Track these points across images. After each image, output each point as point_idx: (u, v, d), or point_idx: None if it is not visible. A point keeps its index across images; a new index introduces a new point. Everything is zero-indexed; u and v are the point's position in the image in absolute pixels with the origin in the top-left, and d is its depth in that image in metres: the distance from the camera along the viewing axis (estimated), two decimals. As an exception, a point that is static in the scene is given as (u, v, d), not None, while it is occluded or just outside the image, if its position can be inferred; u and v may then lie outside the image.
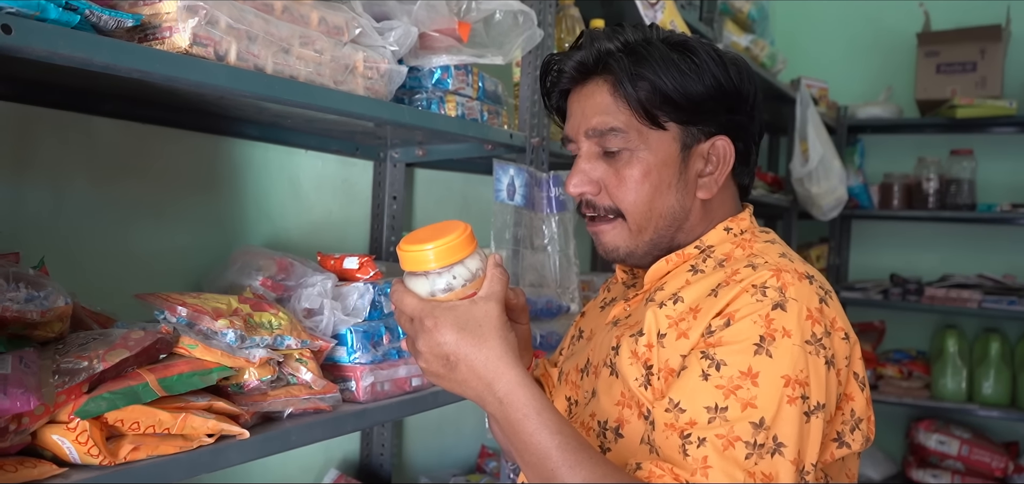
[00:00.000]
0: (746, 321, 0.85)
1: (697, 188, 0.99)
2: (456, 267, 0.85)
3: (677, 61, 0.95)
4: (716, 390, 0.83)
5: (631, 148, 0.97)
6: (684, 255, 1.01)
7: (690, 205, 1.00)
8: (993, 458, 3.43)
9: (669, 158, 0.97)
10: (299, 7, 1.12)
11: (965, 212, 3.54)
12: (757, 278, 0.89)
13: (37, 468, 0.84)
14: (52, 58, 0.83)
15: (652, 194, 0.97)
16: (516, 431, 0.83)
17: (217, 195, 1.52)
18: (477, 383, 0.84)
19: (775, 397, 0.82)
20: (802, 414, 0.82)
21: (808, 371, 0.84)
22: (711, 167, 0.99)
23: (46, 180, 1.24)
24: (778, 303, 0.86)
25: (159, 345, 0.97)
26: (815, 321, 0.87)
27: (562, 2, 1.76)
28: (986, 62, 3.44)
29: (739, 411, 0.81)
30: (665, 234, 1.00)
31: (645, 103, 0.95)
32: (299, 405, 1.12)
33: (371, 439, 1.81)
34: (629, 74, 0.95)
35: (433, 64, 1.40)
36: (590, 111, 0.98)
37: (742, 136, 1.01)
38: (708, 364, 0.84)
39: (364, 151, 1.74)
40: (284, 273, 1.30)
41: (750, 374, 0.83)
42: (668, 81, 0.94)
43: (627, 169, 0.97)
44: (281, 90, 1.07)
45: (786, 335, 0.84)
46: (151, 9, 0.96)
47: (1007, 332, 3.58)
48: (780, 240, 1.02)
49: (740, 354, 0.84)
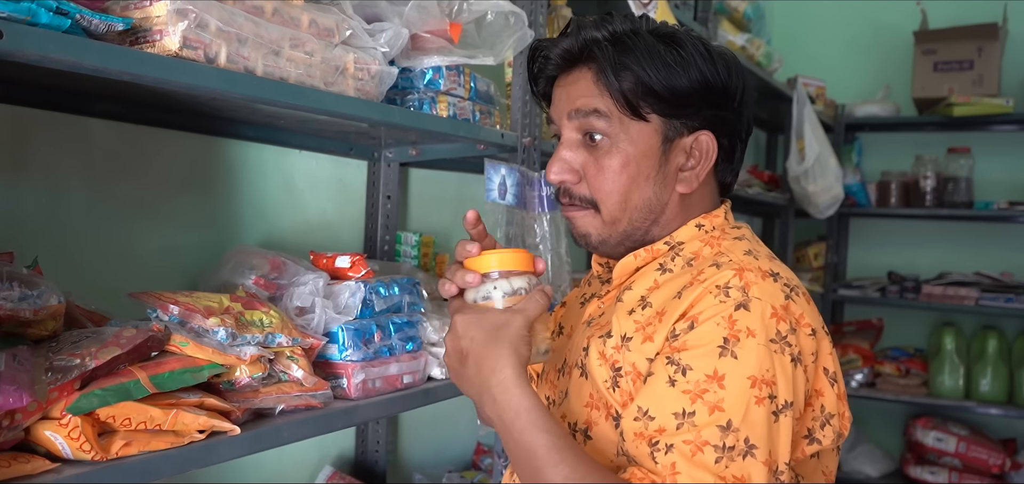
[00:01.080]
0: (709, 323, 0.85)
1: (676, 182, 0.99)
2: (499, 281, 0.92)
3: (663, 53, 0.94)
4: (683, 395, 0.83)
5: (612, 137, 0.97)
6: (653, 251, 1.00)
7: (667, 199, 0.99)
8: (990, 455, 3.44)
9: (649, 150, 0.97)
10: (289, 9, 1.14)
11: (962, 210, 3.54)
12: (720, 278, 0.89)
13: (30, 463, 0.85)
14: (43, 61, 0.84)
15: (629, 185, 0.97)
16: (508, 429, 0.85)
17: (212, 195, 1.54)
18: (477, 380, 0.87)
19: (742, 399, 0.81)
20: (771, 414, 0.82)
21: (774, 370, 0.83)
22: (693, 162, 0.99)
23: (41, 181, 1.26)
24: (741, 303, 0.86)
25: (151, 343, 0.98)
26: (780, 319, 0.86)
27: (554, 2, 1.77)
28: (983, 60, 3.45)
29: (707, 415, 0.81)
30: (640, 227, 1.00)
31: (627, 94, 0.95)
32: (290, 402, 1.14)
33: (366, 436, 1.82)
34: (612, 63, 0.95)
35: (424, 65, 1.42)
36: (574, 95, 0.99)
37: (727, 132, 1.00)
38: (674, 370, 0.84)
39: (358, 151, 1.75)
40: (277, 272, 1.31)
41: (716, 377, 0.83)
42: (652, 73, 0.94)
43: (606, 158, 0.97)
44: (271, 92, 1.09)
45: (750, 335, 0.84)
46: (141, 13, 0.97)
47: (1004, 329, 3.59)
48: (751, 236, 1.02)
49: (705, 357, 0.84)
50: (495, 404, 0.85)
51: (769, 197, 3.18)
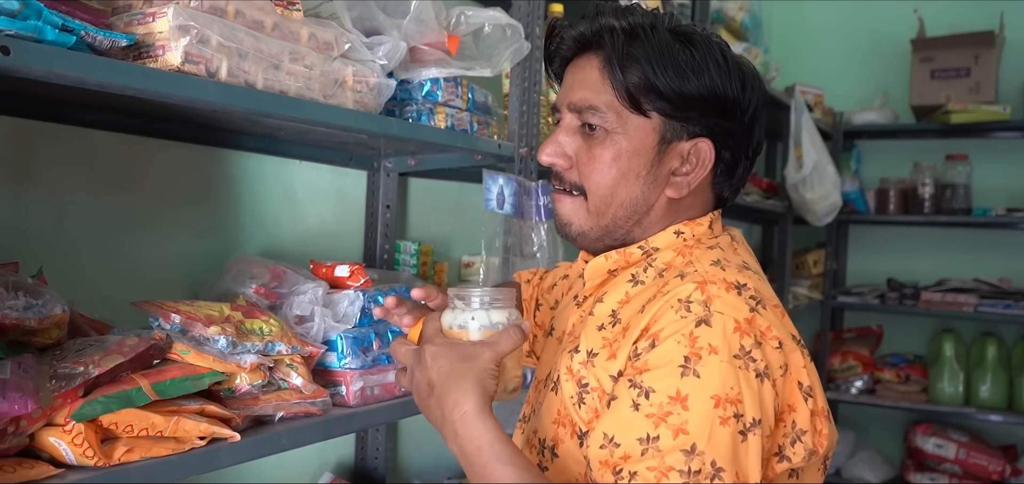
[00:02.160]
0: (669, 342, 0.83)
1: (667, 185, 0.97)
2: (478, 312, 0.92)
3: (676, 53, 0.92)
4: (647, 419, 0.80)
5: (608, 128, 0.95)
6: (627, 255, 0.99)
7: (654, 200, 0.97)
8: (990, 461, 3.45)
9: (644, 147, 0.95)
10: (289, 24, 1.16)
11: (961, 217, 3.56)
12: (681, 292, 0.86)
13: (34, 469, 0.87)
14: (49, 77, 0.86)
15: (618, 180, 0.96)
16: (470, 463, 0.85)
17: (213, 205, 1.56)
18: (439, 411, 0.87)
19: (706, 420, 0.78)
20: (737, 434, 0.79)
21: (739, 387, 0.80)
22: (687, 168, 0.96)
23: (45, 192, 1.28)
24: (702, 319, 0.83)
25: (152, 351, 1.00)
26: (743, 333, 0.83)
27: (551, 12, 1.80)
28: (980, 68, 3.47)
29: (671, 440, 0.78)
30: (622, 224, 0.98)
31: (631, 88, 0.93)
32: (290, 409, 1.15)
33: (365, 443, 1.84)
34: (620, 55, 0.93)
35: (422, 77, 1.44)
36: (577, 84, 0.98)
37: (731, 145, 0.97)
38: (637, 393, 0.82)
39: (358, 161, 1.78)
40: (277, 281, 1.34)
41: (679, 398, 0.80)
42: (659, 71, 0.92)
43: (599, 148, 0.96)
44: (271, 105, 1.11)
45: (712, 352, 0.81)
46: (145, 28, 1.00)
47: (1004, 335, 3.60)
48: (728, 245, 0.98)
49: (667, 378, 0.81)
50: (457, 438, 0.85)
51: (767, 205, 3.20)
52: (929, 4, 3.69)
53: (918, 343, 3.83)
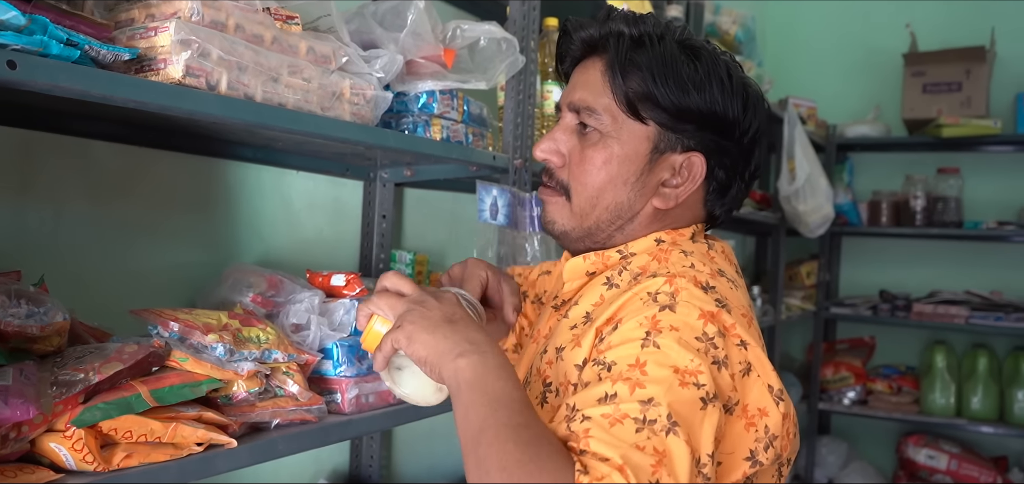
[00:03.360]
0: (631, 322, 0.83)
1: (655, 195, 0.97)
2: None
3: (679, 65, 0.93)
4: (605, 381, 0.78)
5: (603, 131, 0.96)
6: (605, 258, 0.99)
7: (640, 209, 0.98)
8: (982, 472, 3.48)
9: (636, 154, 0.96)
10: (288, 38, 1.18)
11: (952, 229, 3.60)
12: (651, 286, 0.87)
13: (35, 474, 0.89)
14: (53, 90, 0.88)
15: (605, 183, 0.97)
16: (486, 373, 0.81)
17: (211, 215, 1.58)
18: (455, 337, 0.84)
19: (665, 380, 0.77)
20: (698, 400, 0.77)
21: (699, 363, 0.79)
22: (678, 180, 0.97)
23: (47, 201, 1.30)
24: (667, 305, 0.84)
25: (151, 358, 1.02)
26: (707, 320, 0.83)
27: (546, 26, 1.82)
28: (971, 82, 3.51)
29: (628, 393, 0.76)
30: (605, 228, 0.99)
31: (629, 93, 0.94)
32: (286, 416, 1.17)
33: (360, 451, 1.86)
34: (623, 60, 0.95)
35: (419, 89, 1.46)
36: (580, 84, 0.99)
37: (725, 164, 0.98)
38: (599, 369, 0.81)
39: (354, 171, 1.80)
40: (274, 290, 1.35)
41: (638, 364, 0.78)
42: (659, 81, 0.93)
43: (592, 150, 0.97)
44: (270, 117, 1.13)
45: (673, 329, 0.81)
46: (147, 43, 1.02)
47: (995, 347, 3.63)
48: (701, 254, 0.97)
49: (627, 349, 0.80)
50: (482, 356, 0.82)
51: (761, 216, 3.23)
52: (921, 19, 3.74)
53: (910, 354, 3.86)
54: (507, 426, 0.74)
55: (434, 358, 0.84)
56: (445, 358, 0.83)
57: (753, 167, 1.01)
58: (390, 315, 0.92)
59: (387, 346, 0.89)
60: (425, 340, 0.85)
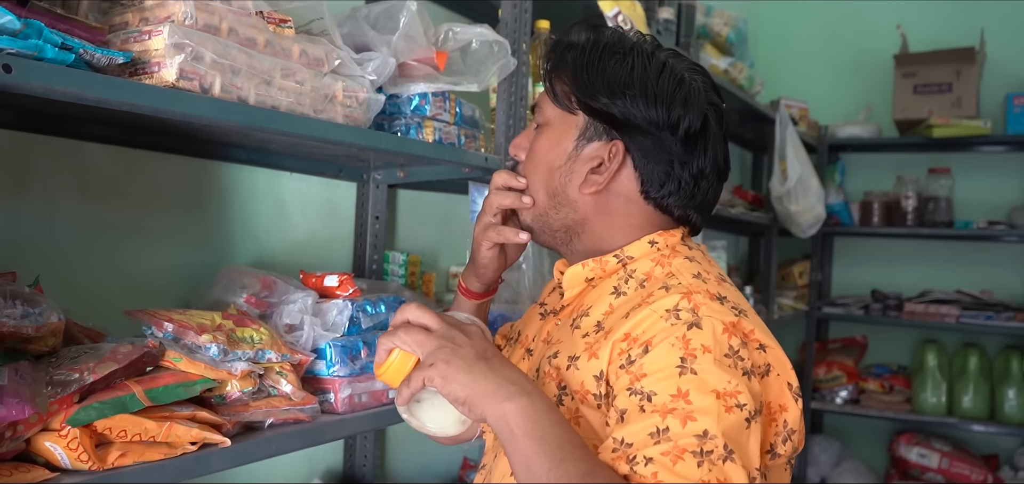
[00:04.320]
0: (663, 345, 0.86)
1: (584, 182, 1.03)
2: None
3: (602, 65, 1.01)
4: (653, 415, 0.82)
5: (544, 123, 1.07)
6: (603, 264, 1.03)
7: (576, 196, 1.04)
8: (973, 470, 3.50)
9: (564, 138, 1.04)
10: (281, 41, 1.20)
11: (943, 229, 3.62)
12: (668, 302, 0.90)
13: (31, 473, 0.90)
14: (49, 93, 0.90)
15: (543, 166, 1.06)
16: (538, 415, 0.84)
17: (205, 216, 1.59)
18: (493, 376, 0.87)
19: (712, 409, 0.82)
20: (743, 421, 0.83)
21: (735, 382, 0.84)
22: (604, 167, 1.02)
23: (41, 203, 1.31)
24: (692, 322, 0.87)
25: (146, 358, 1.03)
26: (731, 334, 0.88)
27: (538, 28, 1.84)
28: (961, 83, 3.54)
29: (680, 427, 0.81)
30: (554, 216, 1.06)
31: (556, 90, 1.05)
32: (279, 415, 1.18)
33: (354, 450, 1.87)
34: (556, 64, 1.06)
35: (411, 91, 1.47)
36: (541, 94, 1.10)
37: (656, 156, 1.01)
38: (639, 399, 0.84)
39: (347, 173, 1.81)
40: (267, 290, 1.37)
41: (680, 395, 0.83)
42: (579, 78, 1.02)
43: (536, 141, 1.08)
44: (263, 120, 1.14)
45: (706, 351, 0.85)
46: (141, 46, 1.03)
47: (985, 346, 3.65)
48: (703, 258, 1.03)
49: (666, 380, 0.84)
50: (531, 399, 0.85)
51: (753, 217, 3.25)
52: (912, 21, 3.76)
53: (902, 353, 3.89)
54: (576, 477, 0.80)
55: (474, 399, 0.86)
56: (488, 401, 0.85)
57: (699, 165, 1.02)
58: (417, 350, 0.91)
59: (416, 383, 0.89)
60: (463, 381, 0.87)
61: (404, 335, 0.92)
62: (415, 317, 0.94)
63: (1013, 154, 3.69)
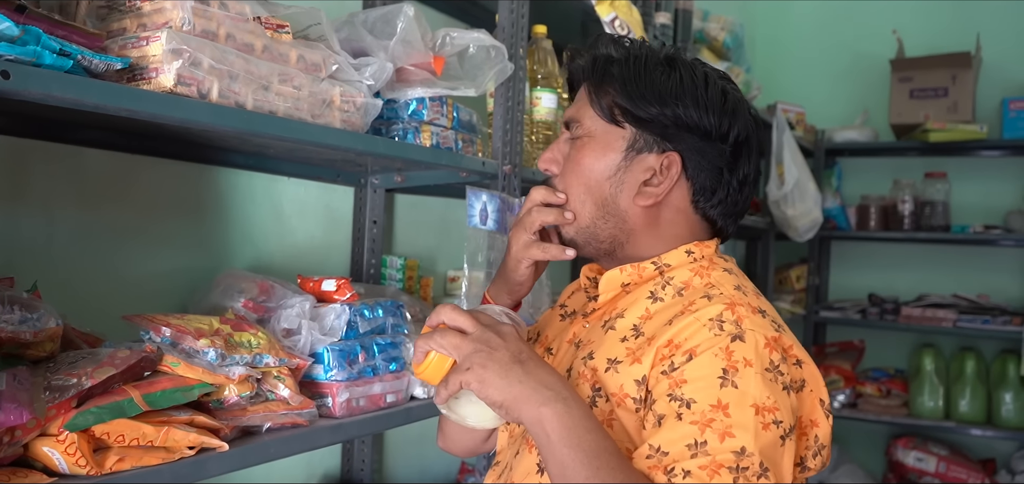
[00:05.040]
0: (706, 355, 0.88)
1: (638, 194, 1.03)
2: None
3: (651, 76, 1.01)
4: (692, 426, 0.84)
5: (585, 134, 1.05)
6: (641, 271, 1.04)
7: (628, 207, 1.03)
8: (970, 474, 3.50)
9: (611, 149, 1.03)
10: (279, 46, 1.20)
11: (940, 233, 3.63)
12: (712, 311, 0.92)
13: (28, 478, 0.90)
14: (46, 99, 0.90)
15: (588, 177, 1.04)
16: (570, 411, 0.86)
17: (203, 221, 1.59)
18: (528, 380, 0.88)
19: (750, 425, 0.83)
20: (779, 438, 0.85)
21: (774, 397, 0.86)
22: (659, 179, 1.02)
23: (39, 209, 1.31)
24: (736, 335, 0.89)
25: (144, 363, 1.03)
26: (772, 349, 0.90)
27: (535, 33, 1.84)
28: (957, 88, 3.55)
29: (718, 442, 0.83)
30: (603, 227, 1.05)
31: (605, 103, 1.03)
32: (277, 420, 1.18)
33: (352, 455, 1.87)
34: (600, 75, 1.04)
35: (408, 96, 1.48)
36: (573, 104, 1.09)
37: (706, 166, 1.02)
38: (678, 405, 0.86)
39: (345, 178, 1.81)
40: (265, 295, 1.37)
41: (720, 406, 0.84)
42: (631, 90, 1.01)
43: (576, 151, 1.06)
44: (260, 125, 1.14)
45: (748, 365, 0.87)
46: (139, 52, 1.03)
47: (982, 350, 3.66)
48: (738, 271, 1.05)
49: (707, 389, 0.86)
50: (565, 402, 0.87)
51: (750, 221, 3.26)
52: (908, 25, 3.78)
53: (899, 358, 3.89)
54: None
55: (511, 403, 0.88)
56: (524, 405, 0.87)
57: (743, 172, 1.05)
58: (453, 353, 0.92)
59: (454, 386, 0.91)
60: (499, 385, 0.88)
61: (440, 339, 0.93)
62: (450, 319, 0.94)
63: (1009, 158, 3.70)
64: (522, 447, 1.02)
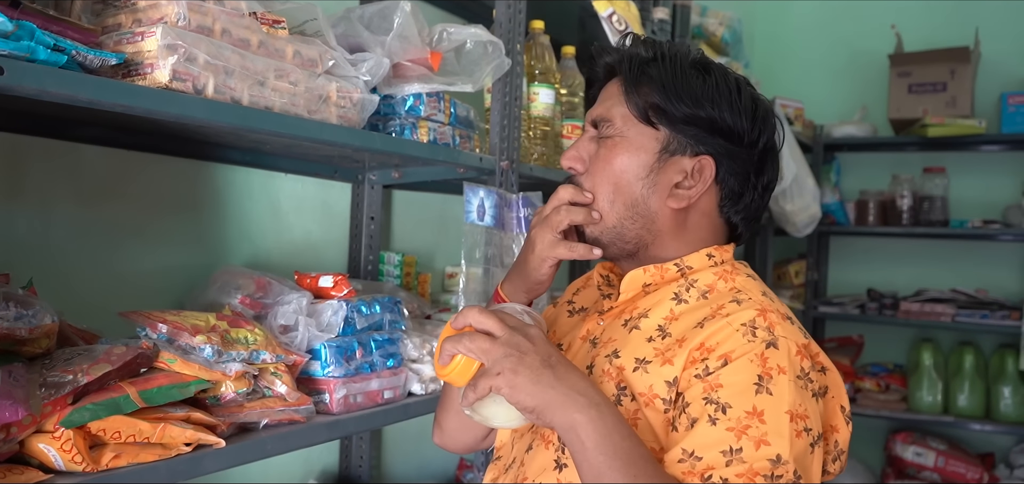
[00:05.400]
0: (743, 360, 0.89)
1: (670, 196, 1.03)
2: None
3: (688, 78, 1.01)
4: (727, 432, 0.86)
5: (616, 133, 1.04)
6: (663, 272, 1.04)
7: (657, 208, 1.03)
8: (968, 469, 3.50)
9: (644, 150, 1.03)
10: (274, 42, 1.20)
11: (938, 228, 3.62)
12: (744, 316, 0.93)
13: (24, 475, 0.90)
14: (41, 95, 0.90)
15: (618, 177, 1.03)
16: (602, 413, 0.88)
17: (199, 217, 1.59)
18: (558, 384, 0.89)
19: (785, 433, 0.85)
20: (809, 446, 0.88)
21: (805, 405, 0.89)
22: (690, 182, 1.03)
23: (35, 205, 1.31)
24: (770, 342, 0.91)
25: (140, 360, 1.03)
26: (803, 357, 0.92)
27: (532, 29, 1.84)
28: (956, 82, 3.54)
29: (754, 450, 0.84)
30: (631, 228, 1.04)
31: (640, 103, 1.03)
32: (274, 416, 1.18)
33: (350, 451, 1.87)
34: (636, 74, 1.04)
35: (405, 92, 1.48)
36: (601, 101, 1.08)
37: (735, 171, 1.04)
38: (714, 409, 0.87)
39: (342, 174, 1.81)
40: (262, 291, 1.37)
41: (756, 413, 0.86)
42: (669, 91, 1.01)
43: (605, 149, 1.05)
44: (256, 121, 1.14)
45: (781, 372, 0.89)
46: (134, 47, 1.03)
47: (981, 345, 3.66)
48: (758, 276, 1.07)
49: (742, 395, 0.87)
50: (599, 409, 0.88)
51: (748, 216, 3.25)
52: (907, 20, 3.77)
53: (898, 352, 3.89)
54: None
55: (542, 409, 0.88)
56: (557, 411, 0.88)
57: (768, 178, 1.07)
58: (482, 358, 0.91)
59: (483, 389, 0.90)
60: (530, 391, 0.88)
61: (469, 343, 0.91)
62: (478, 322, 0.93)
63: (1008, 153, 3.70)
64: (536, 443, 1.02)
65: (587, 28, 2.11)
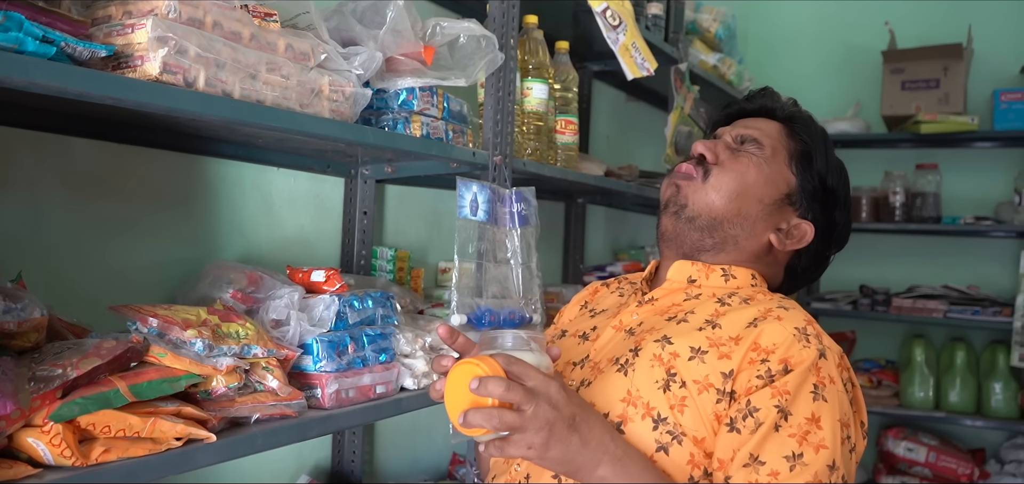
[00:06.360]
0: (801, 368, 0.97)
1: (772, 232, 1.15)
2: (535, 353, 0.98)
3: (828, 153, 1.17)
4: (789, 439, 0.93)
5: (760, 154, 1.15)
6: (707, 270, 1.15)
7: (759, 233, 1.15)
8: (960, 464, 3.52)
9: (775, 183, 1.15)
10: (266, 35, 1.19)
11: (931, 224, 3.63)
12: (797, 320, 1.02)
13: (13, 469, 0.89)
14: (29, 87, 0.89)
15: (747, 189, 1.14)
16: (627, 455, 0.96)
17: (191, 211, 1.58)
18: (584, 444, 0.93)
19: (837, 439, 0.94)
20: (850, 452, 0.97)
21: (848, 414, 0.98)
22: (786, 237, 1.16)
23: (25, 198, 1.30)
24: (821, 351, 1.00)
25: (130, 354, 1.03)
26: (843, 368, 1.02)
27: (526, 23, 1.84)
28: (949, 79, 3.55)
29: (814, 455, 0.93)
30: (727, 230, 1.14)
31: (795, 147, 1.16)
32: (265, 411, 1.18)
33: (342, 446, 1.86)
34: (799, 126, 1.19)
35: (398, 86, 1.47)
36: (752, 127, 1.19)
37: (817, 253, 1.19)
38: (778, 414, 0.95)
39: (335, 168, 1.80)
40: (254, 286, 1.36)
41: (814, 419, 0.95)
42: (817, 150, 1.16)
43: (746, 158, 1.15)
44: (248, 114, 1.14)
45: (832, 382, 0.98)
46: (124, 40, 1.02)
47: (972, 341, 3.68)
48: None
49: (803, 402, 0.96)
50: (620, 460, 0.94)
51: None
52: (900, 17, 3.78)
53: (890, 348, 3.90)
54: None
55: (572, 472, 0.94)
56: (584, 472, 0.94)
57: (828, 255, 1.22)
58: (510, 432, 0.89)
59: (513, 456, 0.91)
60: (560, 460, 0.92)
61: (498, 420, 0.88)
62: (503, 397, 0.88)
63: (1000, 150, 3.71)
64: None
65: (581, 23, 2.11)
